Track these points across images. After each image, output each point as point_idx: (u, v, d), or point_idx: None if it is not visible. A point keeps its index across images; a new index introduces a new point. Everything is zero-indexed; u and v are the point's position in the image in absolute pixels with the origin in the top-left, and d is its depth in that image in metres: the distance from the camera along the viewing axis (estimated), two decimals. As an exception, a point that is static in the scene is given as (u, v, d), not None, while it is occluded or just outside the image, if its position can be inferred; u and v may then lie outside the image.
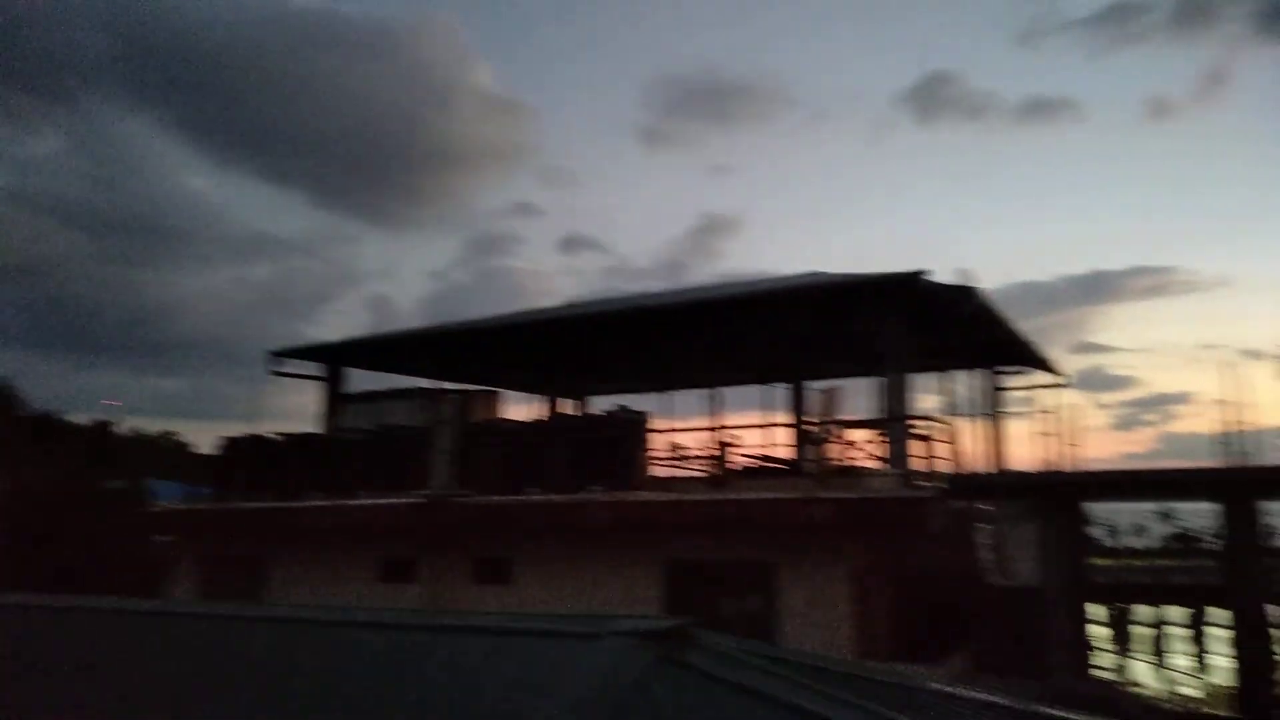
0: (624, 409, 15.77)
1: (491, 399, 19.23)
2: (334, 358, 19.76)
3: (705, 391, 19.93)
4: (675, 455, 16.59)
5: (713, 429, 16.41)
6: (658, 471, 16.17)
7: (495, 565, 15.17)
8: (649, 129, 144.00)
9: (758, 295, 16.10)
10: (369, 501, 15.58)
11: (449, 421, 15.83)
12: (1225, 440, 14.49)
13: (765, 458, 16.70)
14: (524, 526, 14.43)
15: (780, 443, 18.99)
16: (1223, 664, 20.14)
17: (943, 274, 13.19)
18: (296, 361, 19.59)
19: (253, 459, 17.85)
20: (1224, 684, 22.95)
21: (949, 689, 9.38)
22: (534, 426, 17.67)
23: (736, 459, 15.54)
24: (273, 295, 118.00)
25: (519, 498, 14.53)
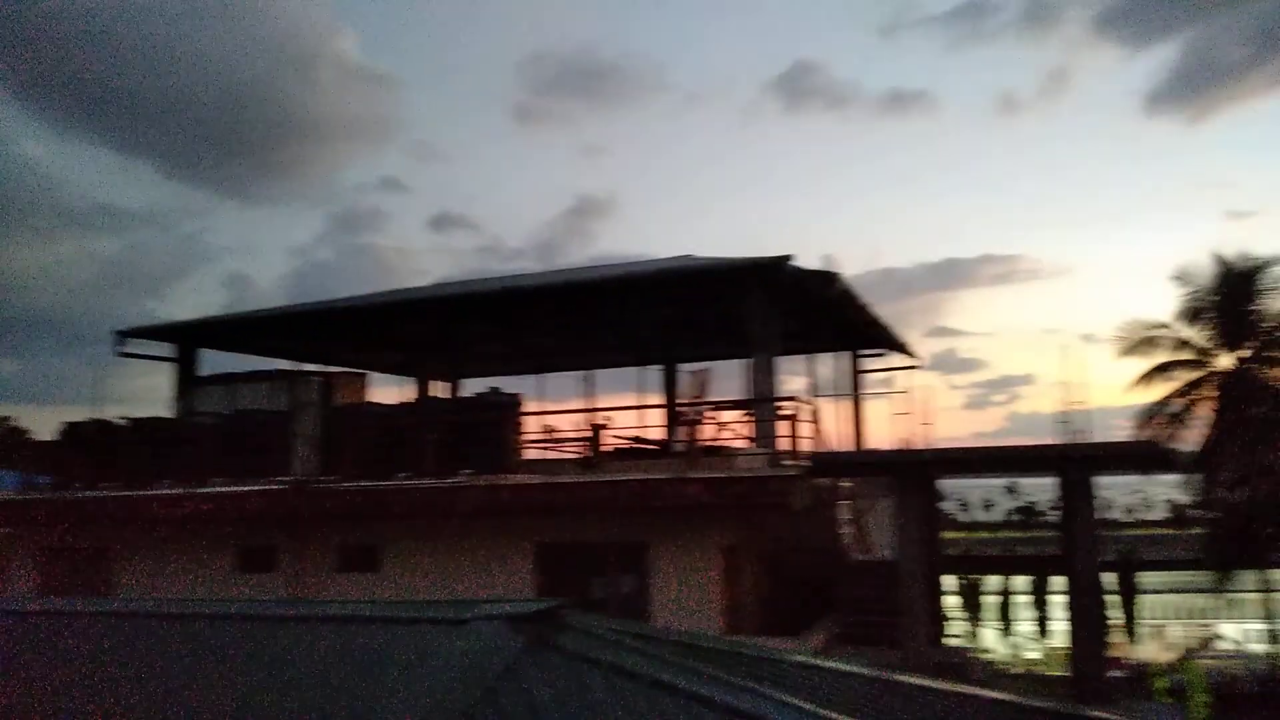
0: (496, 391, 15.58)
1: (358, 381, 18.65)
2: (186, 338, 18.74)
3: (579, 374, 19.95)
4: (548, 437, 16.53)
5: (586, 411, 16.44)
6: (531, 454, 16.09)
7: (362, 552, 14.78)
8: (522, 106, 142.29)
9: (630, 278, 16.17)
10: (225, 489, 14.90)
11: (311, 405, 15.28)
12: (1063, 419, 15.53)
13: (637, 439, 16.85)
14: (392, 512, 14.10)
15: (653, 424, 19.20)
16: (1061, 628, 21.59)
17: (808, 259, 13.59)
18: (145, 342, 18.48)
19: (97, 445, 16.77)
20: (1062, 647, 24.65)
21: (811, 660, 9.71)
22: (403, 409, 17.26)
23: (609, 441, 15.61)
24: (119, 271, 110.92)
25: (387, 483, 14.18)
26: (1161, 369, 28.61)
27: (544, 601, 4.36)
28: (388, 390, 25.29)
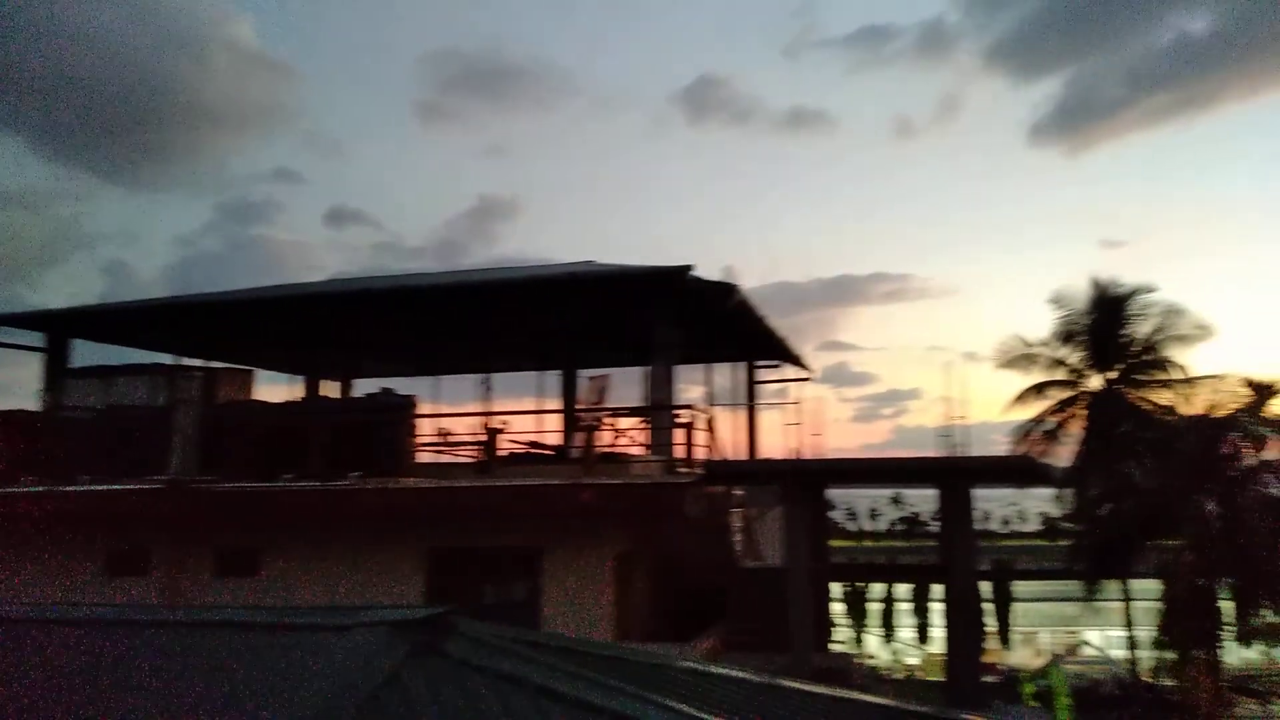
0: (389, 392, 15.25)
1: (243, 378, 17.97)
2: (58, 327, 17.71)
3: (476, 376, 19.70)
4: (443, 441, 16.27)
5: (482, 414, 16.24)
6: (424, 457, 15.80)
7: (242, 557, 14.23)
8: (425, 103, 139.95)
9: (531, 282, 16.08)
10: (96, 487, 14.13)
11: (192, 401, 14.65)
12: (945, 433, 16.17)
13: (534, 444, 16.74)
14: (276, 515, 13.63)
15: (550, 429, 19.11)
16: (941, 634, 22.39)
17: (708, 270, 13.78)
18: (12, 330, 17.41)
19: (-48, 439, 15.68)
20: (940, 652, 25.57)
21: (699, 666, 9.79)
22: (290, 408, 16.71)
23: (505, 445, 15.47)
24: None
25: (271, 484, 13.70)
26: (1037, 388, 30.08)
27: (431, 608, 4.28)
28: (275, 388, 24.44)
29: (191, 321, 18.76)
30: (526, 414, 18.25)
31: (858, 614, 52.72)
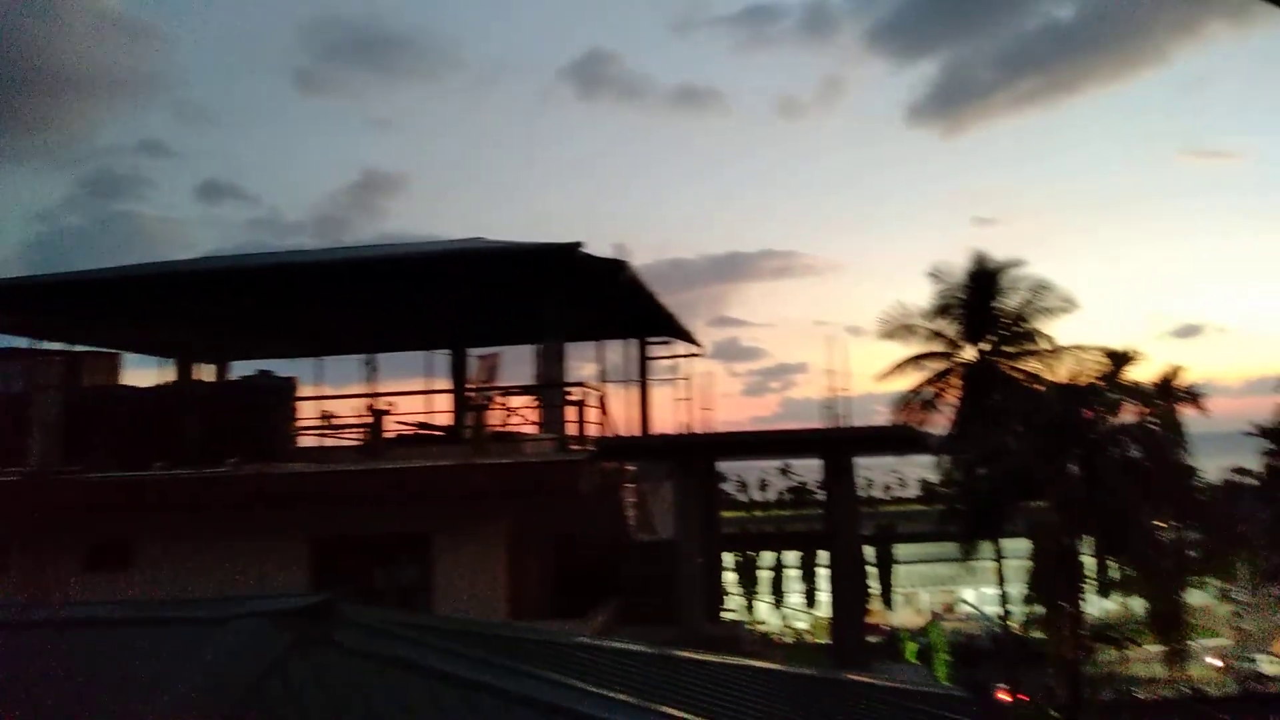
0: (267, 374, 14.70)
1: (109, 362, 17.03)
2: (-104, 311, 16.36)
3: (361, 357, 19.19)
4: (326, 424, 15.80)
5: (367, 395, 15.84)
6: (306, 441, 15.31)
7: (112, 550, 13.53)
8: (304, 73, 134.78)
9: (418, 258, 15.72)
10: (-55, 482, 13.19)
11: (53, 388, 13.80)
12: (828, 404, 16.65)
13: (422, 425, 16.44)
14: (147, 506, 13.00)
15: (440, 409, 18.80)
16: (828, 599, 23.16)
17: (598, 247, 13.75)
18: None
19: None
20: (826, 616, 26.43)
21: (592, 642, 9.85)
22: (161, 393, 15.92)
23: (392, 427, 15.13)
24: None
25: (142, 473, 13.05)
26: (916, 359, 31.31)
27: (314, 596, 4.16)
28: (145, 372, 23.22)
29: (51, 302, 17.60)
30: (414, 394, 17.90)
31: (749, 583, 54.25)
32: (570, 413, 13.90)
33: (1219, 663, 40.93)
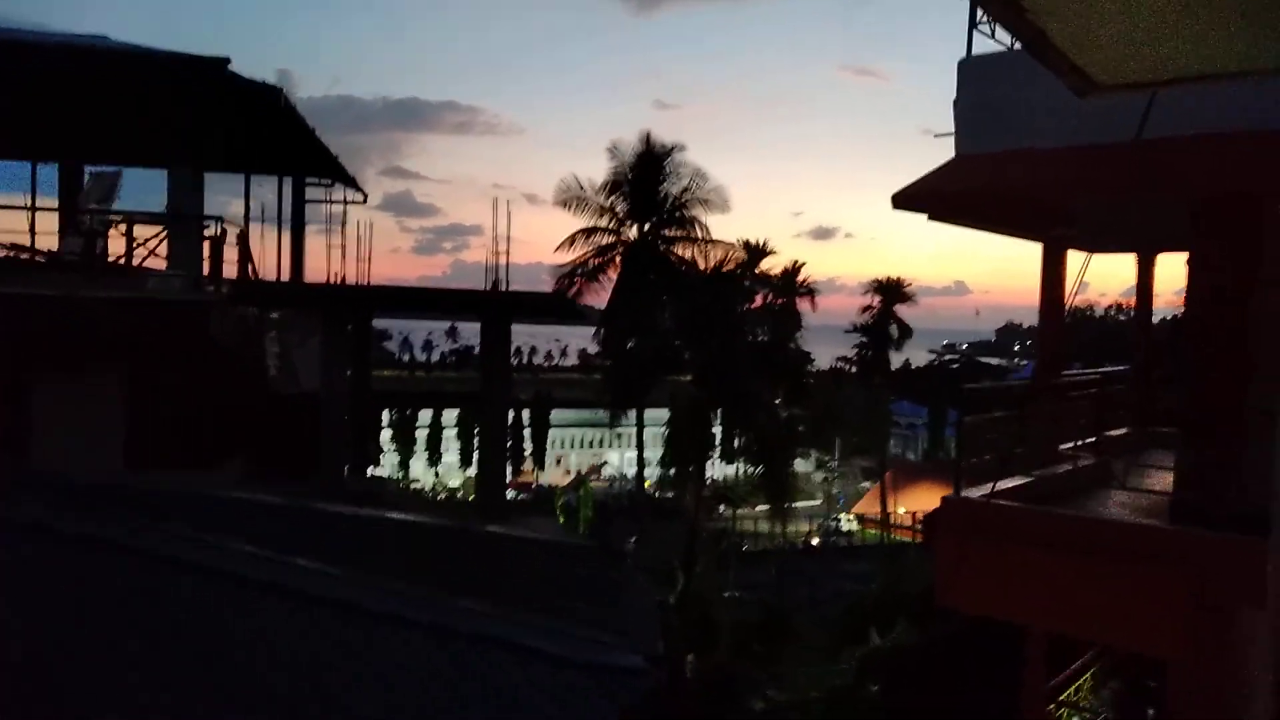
0: None
1: None
2: None
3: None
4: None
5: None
6: None
7: None
8: None
9: (22, 48, 13.15)
10: None
11: None
12: (494, 269, 16.62)
13: (17, 246, 14.12)
14: None
15: (43, 231, 16.18)
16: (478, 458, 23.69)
17: (257, 70, 12.36)
18: None
19: None
20: (477, 474, 27.13)
21: (221, 493, 9.28)
22: None
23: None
24: None
25: None
26: (585, 233, 32.12)
27: None
28: None
29: None
30: (8, 210, 15.27)
31: (405, 441, 54.21)
32: (206, 250, 12.61)
33: (810, 523, 47.93)
